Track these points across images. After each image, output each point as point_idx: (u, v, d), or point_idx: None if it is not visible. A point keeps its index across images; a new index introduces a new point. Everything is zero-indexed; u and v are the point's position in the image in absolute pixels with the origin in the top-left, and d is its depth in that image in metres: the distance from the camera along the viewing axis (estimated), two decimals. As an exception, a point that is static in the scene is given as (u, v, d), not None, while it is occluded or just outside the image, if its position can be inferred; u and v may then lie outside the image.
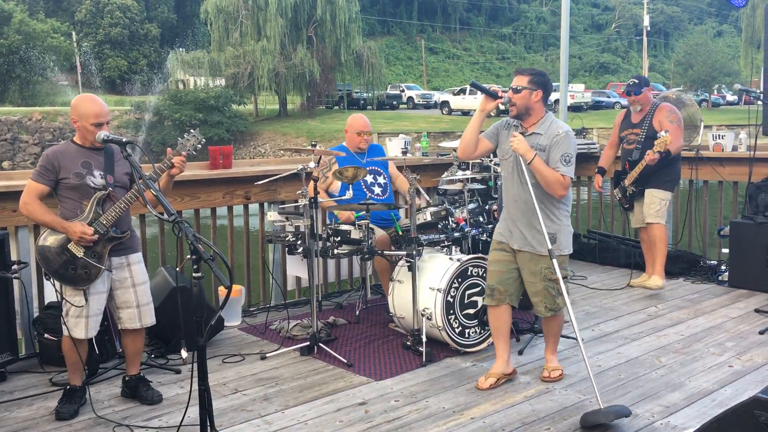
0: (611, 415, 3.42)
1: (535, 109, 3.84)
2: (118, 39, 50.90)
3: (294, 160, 6.13)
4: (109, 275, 3.65)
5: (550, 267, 3.75)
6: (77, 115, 3.55)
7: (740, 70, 46.48)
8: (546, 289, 3.88)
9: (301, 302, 5.75)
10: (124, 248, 3.69)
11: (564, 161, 3.74)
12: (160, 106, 35.44)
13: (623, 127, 6.04)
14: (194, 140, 3.68)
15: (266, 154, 33.67)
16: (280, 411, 3.67)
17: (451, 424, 3.49)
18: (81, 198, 3.55)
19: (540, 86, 3.81)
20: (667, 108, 5.81)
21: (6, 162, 32.35)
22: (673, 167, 5.86)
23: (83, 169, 3.55)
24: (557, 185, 3.73)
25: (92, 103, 3.56)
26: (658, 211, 5.79)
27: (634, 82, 5.85)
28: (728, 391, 3.84)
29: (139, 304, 3.74)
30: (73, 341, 3.60)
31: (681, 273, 6.42)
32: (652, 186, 5.81)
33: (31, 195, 3.54)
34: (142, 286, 3.76)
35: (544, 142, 3.79)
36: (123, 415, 3.63)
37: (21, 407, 3.75)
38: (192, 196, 5.18)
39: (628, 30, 69.96)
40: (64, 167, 3.53)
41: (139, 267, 3.76)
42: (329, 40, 38.70)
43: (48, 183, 3.54)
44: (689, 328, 4.96)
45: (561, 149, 3.74)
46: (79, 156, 3.57)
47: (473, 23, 70.09)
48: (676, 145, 5.68)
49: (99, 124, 3.52)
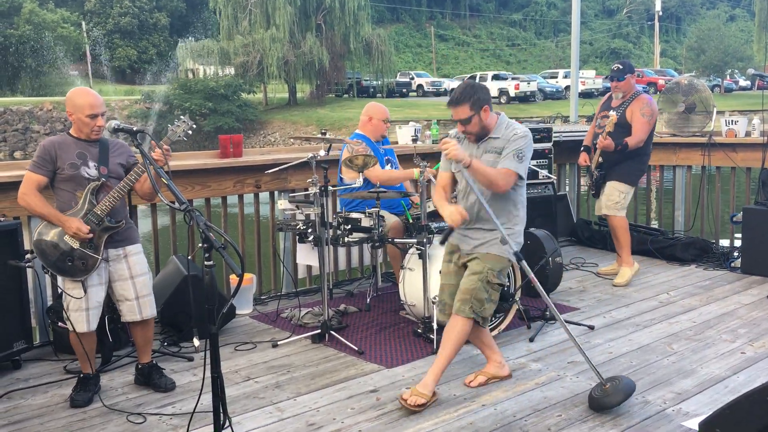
0: (619, 394, 3.41)
1: (490, 123, 3.65)
2: (127, 28, 50.91)
3: (304, 149, 6.13)
4: (106, 267, 3.65)
5: (494, 269, 3.61)
6: (72, 108, 3.57)
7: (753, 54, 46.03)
8: (479, 289, 3.60)
9: (312, 290, 5.77)
10: (121, 240, 3.67)
11: (516, 157, 3.55)
12: (170, 95, 35.52)
13: (602, 109, 5.99)
14: (184, 126, 3.65)
15: (276, 143, 33.71)
16: (292, 398, 3.69)
17: (462, 411, 3.50)
18: (75, 189, 3.56)
19: (482, 102, 3.58)
20: (644, 100, 5.71)
21: (18, 152, 32.54)
22: (639, 160, 5.78)
23: (78, 160, 3.56)
24: (499, 178, 3.51)
25: (87, 95, 3.59)
26: (617, 203, 5.77)
27: (618, 68, 5.78)
28: (741, 378, 3.82)
29: (138, 296, 3.72)
30: (77, 335, 3.62)
31: (693, 259, 6.40)
32: (614, 178, 5.78)
33: (29, 186, 3.55)
34: (140, 278, 3.73)
35: (501, 144, 3.62)
36: (136, 403, 3.66)
37: (36, 395, 3.79)
38: (203, 185, 5.19)
39: (639, 15, 69.28)
40: (60, 157, 3.55)
41: (137, 258, 3.73)
42: (338, 28, 38.59)
43: (46, 173, 3.56)
44: (701, 315, 4.94)
45: (515, 145, 3.57)
46: (75, 147, 3.59)
47: (483, 10, 69.63)
48: (636, 138, 5.61)
49: (94, 116, 3.54)
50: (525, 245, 5.28)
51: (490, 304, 3.65)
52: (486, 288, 3.61)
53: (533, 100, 37.79)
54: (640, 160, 5.79)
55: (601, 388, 3.49)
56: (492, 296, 3.64)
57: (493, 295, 3.65)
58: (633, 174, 5.78)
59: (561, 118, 9.53)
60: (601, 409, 3.44)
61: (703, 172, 6.77)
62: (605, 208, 5.83)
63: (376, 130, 5.26)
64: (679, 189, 7.04)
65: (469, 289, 3.61)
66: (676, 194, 7.08)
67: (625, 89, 5.79)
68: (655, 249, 6.54)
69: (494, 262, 3.64)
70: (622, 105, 5.78)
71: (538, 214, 6.54)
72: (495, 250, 3.64)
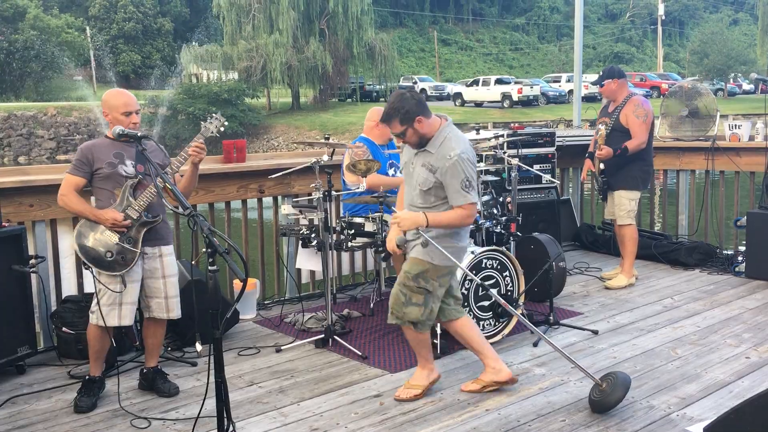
0: (618, 391, 3.41)
1: (427, 132, 3.54)
2: (131, 34, 51.11)
3: (307, 154, 6.14)
4: (141, 264, 3.72)
5: (410, 272, 3.56)
6: (108, 108, 3.70)
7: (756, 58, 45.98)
8: (399, 293, 3.60)
9: (315, 295, 5.77)
10: (158, 239, 3.77)
11: (464, 188, 3.44)
12: (174, 100, 35.61)
13: (601, 115, 6.01)
14: (217, 123, 3.77)
15: (279, 147, 33.75)
16: (296, 403, 3.69)
17: (466, 416, 3.50)
18: (113, 187, 3.67)
19: (412, 114, 3.48)
20: (636, 102, 5.68)
21: (22, 157, 32.62)
22: (641, 163, 5.73)
23: (115, 159, 3.67)
24: (461, 220, 3.48)
25: (120, 95, 3.74)
26: (629, 212, 5.76)
27: (599, 74, 5.82)
28: (745, 383, 3.81)
29: (167, 295, 3.81)
30: (102, 330, 3.66)
31: (697, 264, 6.38)
32: (619, 187, 5.76)
33: (67, 187, 3.67)
34: (171, 278, 3.83)
35: (435, 163, 3.49)
36: (141, 408, 3.66)
37: (40, 400, 3.79)
38: (206, 189, 5.20)
39: (642, 19, 69.31)
40: (97, 158, 3.66)
41: (170, 259, 3.84)
42: (341, 33, 38.67)
43: (83, 175, 3.67)
44: (705, 320, 4.93)
45: (457, 177, 3.43)
46: (112, 148, 3.70)
47: (486, 14, 69.73)
48: (637, 141, 5.58)
49: (128, 113, 3.67)
50: (529, 250, 5.31)
51: (412, 308, 3.58)
52: (402, 291, 3.59)
53: (536, 104, 37.80)
54: (643, 163, 5.76)
55: (599, 390, 3.49)
56: (413, 299, 3.57)
57: (414, 298, 3.57)
58: (638, 178, 5.76)
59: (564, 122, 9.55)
60: (605, 410, 3.44)
61: (706, 177, 6.76)
62: (619, 219, 5.80)
63: (383, 134, 5.27)
64: (683, 193, 7.02)
65: (392, 293, 3.65)
66: (679, 198, 7.07)
67: (607, 94, 5.80)
68: (659, 253, 6.53)
69: (412, 265, 3.59)
70: (615, 110, 5.76)
71: (542, 219, 6.55)
72: (414, 252, 3.60)
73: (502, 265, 4.56)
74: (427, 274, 3.58)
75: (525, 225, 5.47)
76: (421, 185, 3.57)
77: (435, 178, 3.50)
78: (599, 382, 3.50)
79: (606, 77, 5.72)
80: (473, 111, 36.25)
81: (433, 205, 3.57)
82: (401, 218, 3.51)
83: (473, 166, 3.52)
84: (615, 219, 5.90)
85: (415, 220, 3.47)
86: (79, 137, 33.15)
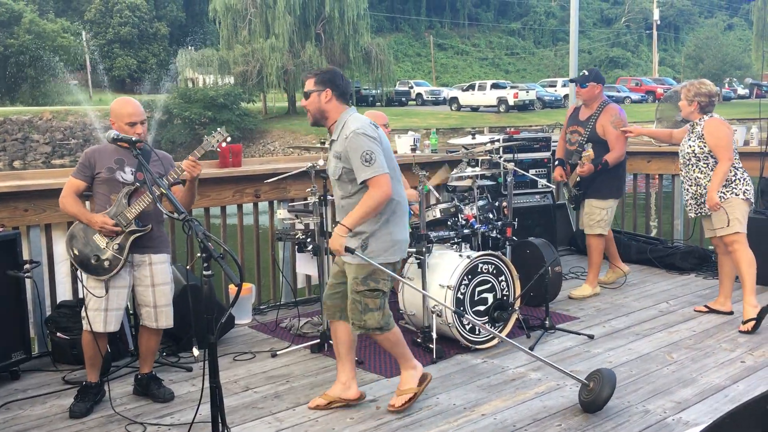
0: (606, 389, 3.43)
1: (329, 111, 3.51)
2: (127, 38, 51.04)
3: (303, 158, 6.13)
4: (131, 271, 3.71)
5: (357, 277, 3.46)
6: (114, 117, 3.72)
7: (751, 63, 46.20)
8: (353, 303, 3.50)
9: (311, 300, 5.76)
10: (148, 246, 3.73)
11: (365, 161, 3.31)
12: (170, 104, 35.55)
13: (570, 122, 5.80)
14: (219, 137, 3.75)
15: (275, 152, 33.73)
16: (291, 408, 3.68)
17: (461, 421, 3.49)
18: (110, 192, 3.68)
19: (327, 84, 3.46)
20: (613, 111, 5.51)
21: (17, 161, 32.54)
22: (615, 174, 5.58)
23: (115, 165, 3.70)
24: (376, 199, 3.34)
25: (126, 105, 3.75)
26: (599, 222, 5.60)
27: (584, 74, 5.58)
28: (741, 387, 3.82)
29: (156, 304, 3.76)
30: (93, 336, 3.64)
31: (692, 269, 6.39)
32: (592, 196, 5.61)
33: (68, 190, 3.72)
34: (161, 287, 3.77)
35: (339, 148, 3.44)
36: (136, 413, 3.65)
37: (35, 405, 3.78)
38: (202, 194, 5.18)
39: (638, 24, 69.52)
40: (99, 163, 3.70)
41: (161, 267, 3.77)
42: (338, 37, 38.69)
43: (84, 179, 3.71)
44: (701, 324, 4.93)
45: (357, 151, 3.33)
46: (114, 154, 3.73)
47: (482, 19, 69.87)
48: (616, 154, 5.45)
49: (133, 123, 3.68)
50: (525, 254, 5.32)
51: (370, 314, 3.48)
52: (355, 299, 3.49)
53: (532, 109, 37.85)
54: (615, 173, 5.60)
55: (587, 390, 3.50)
56: (369, 305, 3.48)
57: (370, 303, 3.48)
58: (611, 188, 5.60)
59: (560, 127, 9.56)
60: (597, 409, 3.46)
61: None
62: (587, 228, 5.66)
63: None
64: (678, 198, 7.03)
65: (348, 305, 3.54)
66: (675, 203, 7.08)
67: (585, 98, 5.59)
68: (655, 258, 6.54)
69: (357, 270, 3.47)
70: (590, 118, 5.58)
71: (537, 223, 6.56)
72: (349, 258, 3.48)
73: (497, 270, 4.57)
74: (375, 275, 3.47)
75: (521, 229, 5.46)
76: (333, 175, 3.52)
77: (342, 164, 3.43)
78: (586, 382, 3.52)
79: (592, 79, 5.52)
80: (469, 115, 36.30)
81: (351, 193, 3.46)
82: (330, 246, 3.45)
83: (374, 140, 3.38)
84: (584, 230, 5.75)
85: (337, 239, 3.38)
86: (75, 142, 33.09)
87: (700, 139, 4.93)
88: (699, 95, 4.91)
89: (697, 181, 5.03)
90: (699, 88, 4.93)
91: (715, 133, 4.87)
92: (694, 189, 5.07)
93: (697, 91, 4.92)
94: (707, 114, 4.96)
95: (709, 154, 4.92)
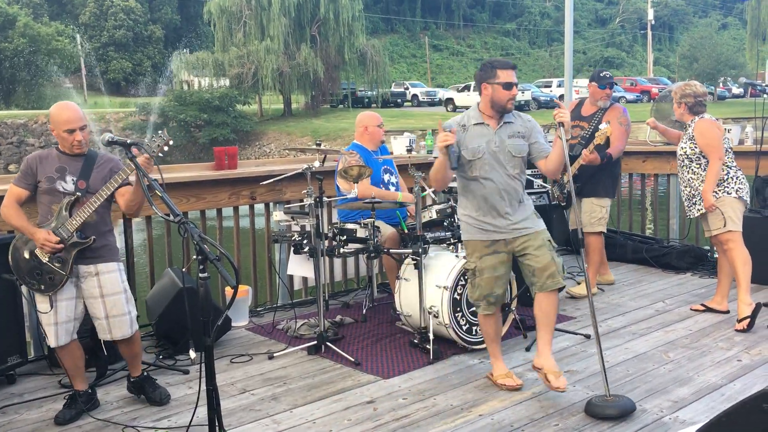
0: (617, 409, 3.43)
1: None
2: (122, 41, 51.03)
3: (299, 160, 6.14)
4: (77, 283, 3.60)
5: (550, 237, 3.83)
6: (52, 123, 3.58)
7: (746, 62, 46.30)
8: (554, 259, 3.75)
9: (307, 302, 5.76)
10: (94, 257, 3.57)
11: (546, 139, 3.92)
12: (165, 107, 35.56)
13: (572, 118, 5.73)
14: (160, 141, 3.51)
15: (271, 154, 33.71)
16: (289, 410, 3.68)
17: (459, 422, 3.49)
18: (51, 203, 3.53)
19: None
20: (620, 110, 5.64)
21: (12, 165, 32.48)
22: (612, 171, 5.67)
23: (56, 174, 3.54)
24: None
25: (64, 111, 3.56)
26: (600, 219, 5.64)
27: (607, 76, 5.71)
28: (737, 386, 3.82)
29: (108, 315, 3.60)
30: (62, 349, 3.59)
31: (689, 268, 6.40)
32: (590, 194, 5.64)
33: (9, 198, 3.57)
34: (112, 297, 3.60)
35: (522, 129, 3.85)
36: (132, 417, 3.64)
37: (30, 409, 3.76)
38: (197, 197, 5.19)
39: (632, 24, 69.71)
40: (41, 171, 3.55)
41: (109, 277, 3.60)
42: (333, 39, 38.71)
43: (26, 187, 3.56)
44: (697, 323, 4.94)
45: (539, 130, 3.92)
46: (57, 162, 3.57)
47: (477, 20, 69.98)
48: (618, 149, 5.53)
49: (71, 130, 3.51)
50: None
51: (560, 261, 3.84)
52: (555, 255, 3.78)
53: (527, 109, 37.85)
54: (612, 171, 5.68)
55: (604, 398, 3.50)
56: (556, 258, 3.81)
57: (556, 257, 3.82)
58: (609, 186, 5.66)
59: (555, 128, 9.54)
60: (597, 416, 3.45)
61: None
62: (588, 226, 5.68)
63: (373, 138, 5.28)
64: (674, 197, 7.04)
65: (545, 265, 3.72)
66: (670, 203, 7.09)
67: (605, 99, 5.68)
68: (651, 257, 6.55)
69: (545, 231, 3.82)
70: (596, 114, 5.66)
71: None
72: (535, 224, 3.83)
73: (494, 270, 4.56)
74: None
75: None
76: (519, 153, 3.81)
77: (527, 141, 3.85)
78: (609, 393, 3.52)
79: (612, 85, 5.67)
80: (465, 116, 36.26)
81: (522, 171, 3.86)
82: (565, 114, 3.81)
83: None
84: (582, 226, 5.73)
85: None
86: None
87: (692, 140, 4.96)
88: (685, 96, 4.98)
89: (690, 182, 5.05)
90: (684, 89, 5.00)
91: (704, 133, 4.89)
92: (688, 190, 5.08)
93: (683, 93, 4.99)
94: (698, 115, 4.98)
95: (700, 155, 4.94)
